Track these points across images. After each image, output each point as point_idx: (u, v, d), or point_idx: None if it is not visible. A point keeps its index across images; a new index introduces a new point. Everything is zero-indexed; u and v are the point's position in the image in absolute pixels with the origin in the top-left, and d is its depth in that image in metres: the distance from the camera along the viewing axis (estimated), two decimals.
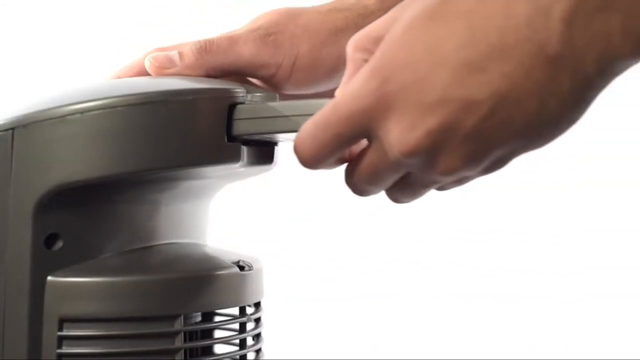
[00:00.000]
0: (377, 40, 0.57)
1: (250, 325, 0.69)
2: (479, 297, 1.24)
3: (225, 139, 0.63)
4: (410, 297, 1.24)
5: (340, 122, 0.57)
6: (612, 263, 1.25)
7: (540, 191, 1.27)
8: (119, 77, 0.71)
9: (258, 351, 0.71)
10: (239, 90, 0.64)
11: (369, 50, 0.58)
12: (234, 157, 0.64)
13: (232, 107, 0.63)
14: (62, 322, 0.62)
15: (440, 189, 0.62)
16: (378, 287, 1.24)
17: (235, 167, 0.65)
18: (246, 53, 0.67)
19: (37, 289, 0.62)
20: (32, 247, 0.62)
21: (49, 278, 0.62)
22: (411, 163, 0.57)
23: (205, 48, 0.67)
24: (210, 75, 0.68)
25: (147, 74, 0.69)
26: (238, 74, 0.69)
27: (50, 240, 0.63)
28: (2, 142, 0.62)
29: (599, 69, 0.52)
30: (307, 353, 1.20)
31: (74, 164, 0.61)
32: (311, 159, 0.59)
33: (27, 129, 0.62)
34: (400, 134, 0.56)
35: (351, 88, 0.57)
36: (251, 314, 0.69)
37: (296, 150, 0.60)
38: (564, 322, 1.24)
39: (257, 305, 0.70)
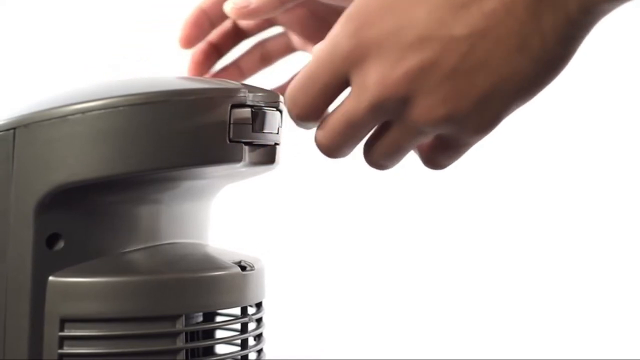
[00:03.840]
0: None
1: (251, 326, 0.69)
2: (487, 299, 1.24)
3: (227, 139, 0.63)
4: (414, 297, 1.24)
5: (325, 71, 0.57)
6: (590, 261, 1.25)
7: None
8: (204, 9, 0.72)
9: (260, 351, 0.71)
10: (241, 90, 0.64)
11: None
12: (235, 157, 0.64)
13: (234, 107, 0.63)
14: (64, 322, 0.62)
15: (435, 164, 0.60)
16: (381, 288, 1.24)
17: (237, 167, 0.65)
18: None
19: (39, 289, 0.62)
20: (33, 247, 0.62)
21: (51, 278, 0.62)
22: (389, 107, 0.56)
23: None
24: (287, 4, 0.68)
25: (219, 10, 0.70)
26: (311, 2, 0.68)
27: (52, 240, 0.63)
28: (4, 142, 0.62)
29: (582, 6, 0.52)
30: (308, 353, 1.20)
31: (76, 164, 0.61)
32: (304, 114, 0.59)
33: (28, 128, 0.62)
34: (378, 76, 0.55)
35: (330, 37, 0.57)
36: (253, 314, 0.69)
37: (288, 108, 0.59)
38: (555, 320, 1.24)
39: (259, 305, 0.70)
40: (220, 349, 0.70)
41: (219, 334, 0.71)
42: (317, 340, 1.23)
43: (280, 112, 0.68)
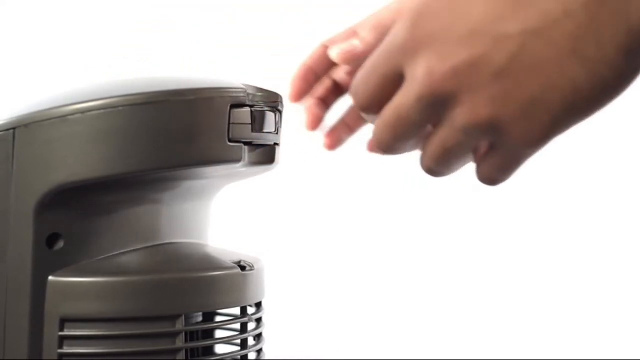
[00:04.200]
0: None
1: (251, 326, 0.69)
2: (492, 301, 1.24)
3: (227, 139, 0.63)
4: (413, 297, 1.24)
5: (382, 63, 0.57)
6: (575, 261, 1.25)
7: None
8: (309, 65, 0.71)
9: (259, 351, 0.71)
10: (240, 91, 0.64)
11: None
12: (235, 157, 0.64)
13: (234, 107, 0.63)
14: (64, 322, 0.62)
15: (486, 176, 0.58)
16: (380, 288, 1.23)
17: (237, 167, 0.65)
18: None
19: (39, 289, 0.62)
20: (33, 247, 0.62)
21: (51, 278, 0.62)
22: (435, 103, 0.54)
23: (376, 25, 0.67)
24: None
25: (324, 62, 0.69)
26: None
27: (52, 240, 0.63)
28: (4, 142, 0.62)
29: None
30: (308, 353, 1.20)
31: (75, 164, 0.61)
32: (364, 104, 0.58)
33: (28, 128, 0.62)
34: (426, 69, 0.54)
35: (391, 30, 0.57)
36: (252, 314, 0.69)
37: (352, 99, 0.59)
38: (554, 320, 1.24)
39: (259, 305, 0.70)
40: (220, 348, 0.70)
41: (219, 333, 0.71)
42: (317, 340, 1.23)
43: (280, 112, 0.68)
